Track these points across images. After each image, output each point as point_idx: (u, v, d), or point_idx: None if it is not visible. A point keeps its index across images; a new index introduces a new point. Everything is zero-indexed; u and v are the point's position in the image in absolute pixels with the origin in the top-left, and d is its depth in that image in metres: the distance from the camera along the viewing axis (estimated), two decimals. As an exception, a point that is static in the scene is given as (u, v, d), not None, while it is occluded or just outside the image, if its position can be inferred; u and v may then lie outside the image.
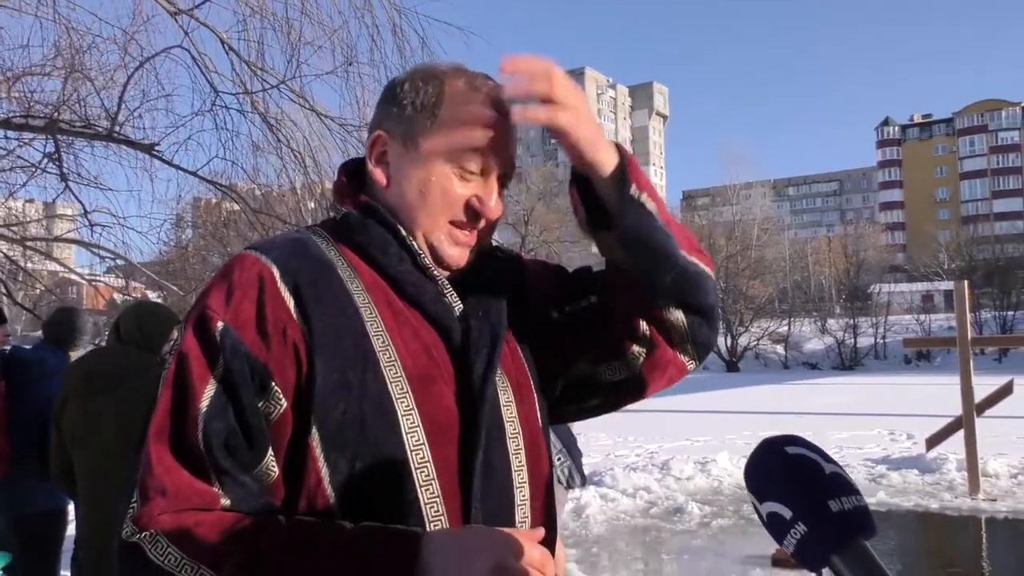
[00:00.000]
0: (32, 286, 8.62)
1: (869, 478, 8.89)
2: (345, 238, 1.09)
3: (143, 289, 11.16)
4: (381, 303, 1.04)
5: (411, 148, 1.08)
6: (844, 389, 24.36)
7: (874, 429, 13.19)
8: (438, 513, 0.98)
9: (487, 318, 1.10)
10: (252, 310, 0.98)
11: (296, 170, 6.76)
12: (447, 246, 1.08)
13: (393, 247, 1.07)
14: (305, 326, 0.98)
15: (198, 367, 0.95)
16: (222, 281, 1.01)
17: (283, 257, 1.02)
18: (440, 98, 1.07)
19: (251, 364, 0.96)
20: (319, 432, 0.96)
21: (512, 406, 1.09)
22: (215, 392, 0.94)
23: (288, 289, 0.99)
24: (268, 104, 6.42)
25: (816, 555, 0.72)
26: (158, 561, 0.88)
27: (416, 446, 0.98)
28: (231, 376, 0.95)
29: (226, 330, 0.96)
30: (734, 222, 53.87)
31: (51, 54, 6.14)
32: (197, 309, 1.00)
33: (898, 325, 41.04)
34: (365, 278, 1.06)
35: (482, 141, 1.06)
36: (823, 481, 0.75)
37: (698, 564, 6.05)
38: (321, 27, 6.15)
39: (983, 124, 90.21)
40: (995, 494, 8.09)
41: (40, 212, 9.32)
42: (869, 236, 69.67)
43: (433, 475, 0.99)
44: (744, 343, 42.61)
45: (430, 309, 1.06)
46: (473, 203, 1.07)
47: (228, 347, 0.95)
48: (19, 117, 6.07)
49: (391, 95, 1.12)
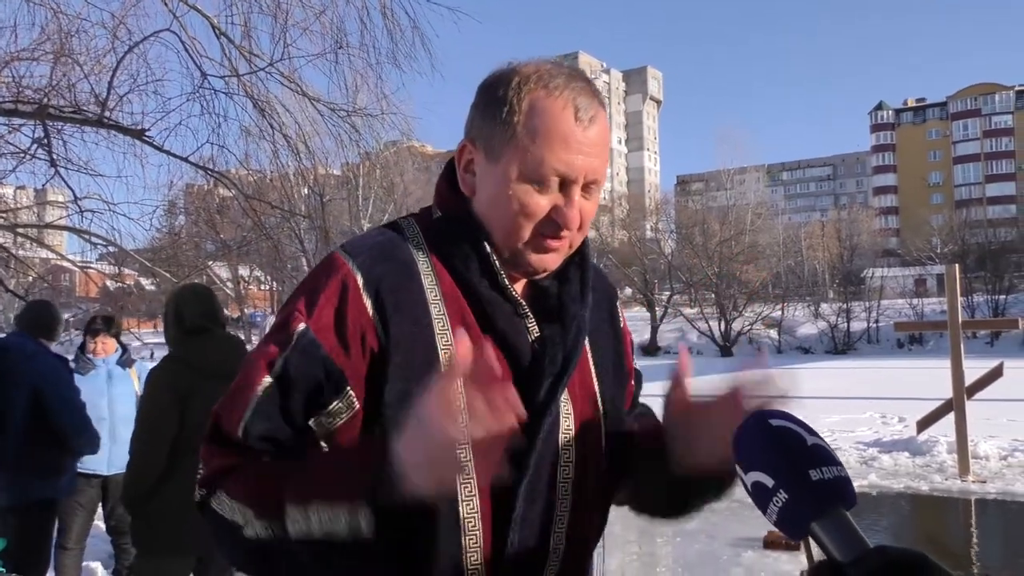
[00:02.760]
0: (24, 273, 8.57)
1: (861, 461, 8.96)
2: (435, 241, 1.10)
3: (136, 276, 11.12)
4: (455, 315, 1.06)
5: (492, 160, 1.07)
6: (837, 373, 24.48)
7: (866, 412, 13.28)
8: (474, 528, 1.00)
9: (562, 344, 1.10)
10: (332, 315, 1.01)
11: (288, 155, 6.73)
12: (531, 253, 1.08)
13: (475, 263, 1.08)
14: (383, 332, 1.01)
15: (265, 359, 1.01)
16: (311, 282, 1.06)
17: (368, 262, 1.05)
18: (518, 108, 1.05)
19: (327, 368, 0.99)
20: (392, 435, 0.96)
21: (571, 434, 1.09)
22: (269, 385, 0.99)
23: (369, 296, 1.02)
24: (258, 88, 6.38)
25: (797, 522, 0.75)
26: (222, 513, 0.98)
27: (462, 461, 0.95)
28: (289, 373, 0.99)
29: (305, 332, 1.00)
30: (728, 207, 53.80)
31: (40, 39, 6.09)
32: (289, 307, 1.05)
33: (891, 309, 41.14)
34: (445, 287, 1.07)
35: (559, 153, 1.04)
36: (805, 451, 0.77)
37: (691, 546, 6.09)
38: (311, 10, 6.10)
39: (976, 108, 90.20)
40: (985, 476, 8.16)
41: (31, 199, 9.26)
42: (862, 220, 69.71)
43: (475, 491, 1.00)
44: (738, 328, 42.69)
45: (501, 328, 1.07)
46: (552, 215, 1.06)
47: (301, 348, 1.00)
48: (8, 102, 6.02)
49: (478, 100, 1.10)
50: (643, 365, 1.65)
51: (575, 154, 1.04)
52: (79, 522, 4.48)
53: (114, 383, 4.60)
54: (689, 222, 53.06)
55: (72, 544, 4.47)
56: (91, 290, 11.48)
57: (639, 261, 49.57)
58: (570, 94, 1.05)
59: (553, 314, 1.12)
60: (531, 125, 1.04)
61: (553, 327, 1.11)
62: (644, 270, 48.78)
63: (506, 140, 1.05)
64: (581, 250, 1.17)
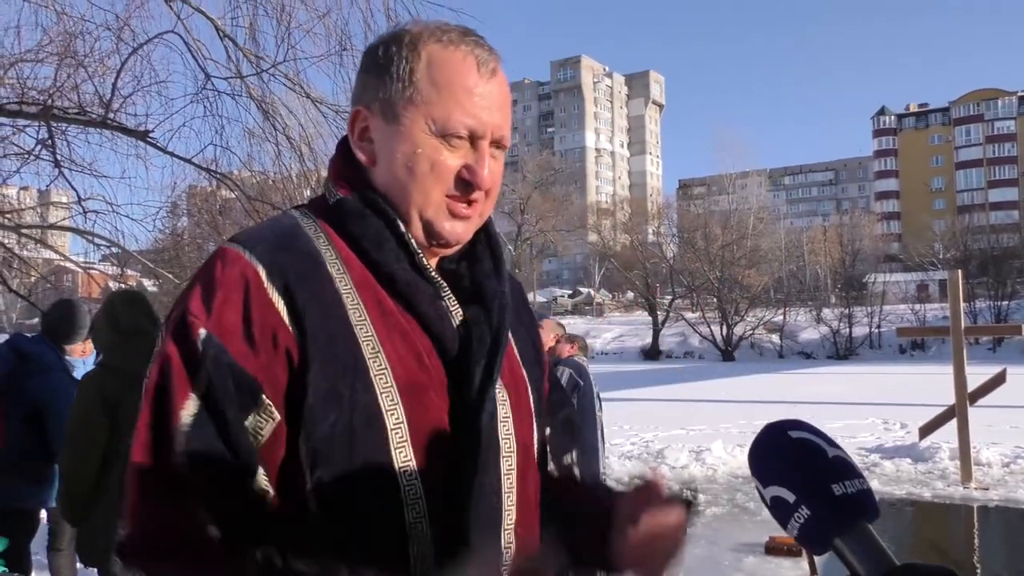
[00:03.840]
0: (27, 274, 8.58)
1: (863, 467, 8.92)
2: (338, 226, 0.99)
3: (138, 277, 11.13)
4: (370, 303, 0.95)
5: (392, 121, 0.98)
6: (839, 378, 24.44)
7: (868, 418, 13.25)
8: (422, 533, 0.92)
9: (489, 325, 1.01)
10: (237, 315, 0.88)
11: (292, 157, 6.74)
12: (443, 220, 0.99)
13: (390, 243, 0.98)
14: (297, 330, 0.90)
15: (179, 380, 0.87)
16: (203, 280, 0.91)
17: (268, 252, 0.92)
18: (416, 63, 0.98)
19: (237, 376, 0.87)
20: (305, 445, 0.89)
21: (509, 422, 1.02)
22: (197, 409, 0.86)
23: (277, 289, 0.90)
24: (262, 90, 6.40)
25: (820, 538, 0.72)
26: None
27: (404, 462, 0.91)
28: (214, 391, 0.86)
29: (209, 338, 0.87)
30: (730, 211, 53.86)
31: (44, 40, 6.11)
32: (177, 311, 0.90)
33: (893, 315, 41.15)
34: (355, 274, 0.96)
35: (465, 105, 0.97)
36: (826, 465, 0.75)
37: (692, 552, 6.05)
38: (314, 12, 6.11)
39: (979, 113, 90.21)
40: (987, 483, 8.14)
41: (35, 199, 9.28)
42: (865, 225, 69.73)
43: (420, 493, 0.92)
44: (739, 332, 42.70)
45: (424, 312, 0.97)
46: (463, 173, 0.98)
47: (211, 358, 0.86)
48: (12, 103, 6.03)
49: (366, 64, 1.03)
50: (644, 370, 1.65)
51: (481, 108, 0.98)
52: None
53: None
54: (691, 226, 53.13)
55: (64, 546, 4.47)
56: (93, 291, 11.47)
57: (641, 265, 49.62)
58: (467, 46, 0.99)
59: (470, 295, 1.03)
60: (432, 77, 0.97)
61: (474, 308, 1.02)
62: (646, 274, 48.80)
63: (407, 98, 0.97)
64: (487, 228, 1.09)
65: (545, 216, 57.90)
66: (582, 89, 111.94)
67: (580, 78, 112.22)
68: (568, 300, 65.51)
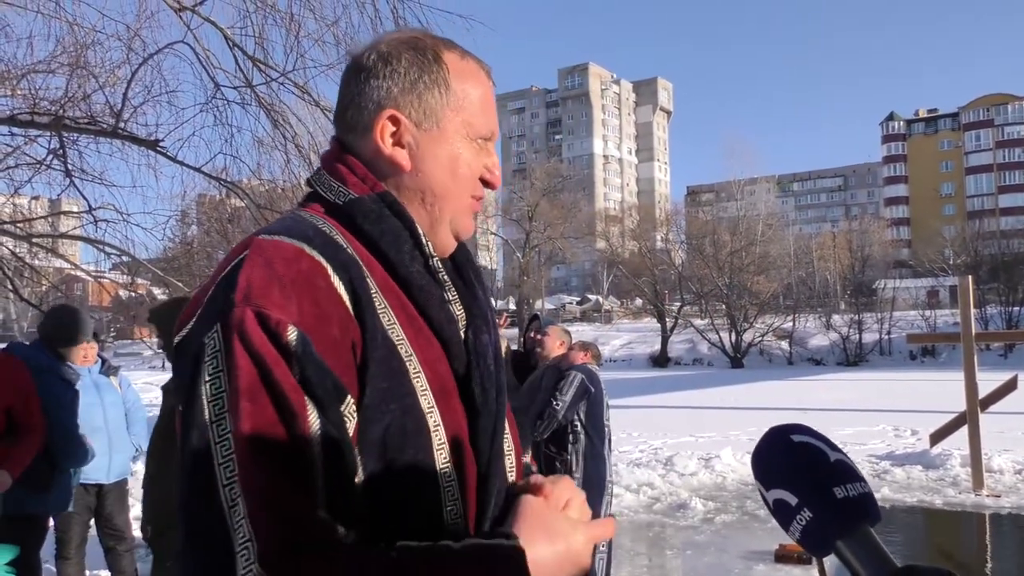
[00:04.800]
0: (38, 282, 8.64)
1: (873, 474, 8.89)
2: (353, 228, 0.98)
3: (148, 285, 11.18)
4: (396, 306, 0.95)
5: (432, 126, 1.02)
6: (849, 385, 24.34)
7: (878, 425, 13.19)
8: (460, 531, 0.94)
9: (487, 330, 1.05)
10: (319, 312, 0.86)
11: (300, 165, 6.77)
12: (468, 219, 1.07)
13: (408, 244, 0.98)
14: (361, 328, 0.90)
15: (288, 380, 0.82)
16: (268, 273, 0.86)
17: (328, 250, 0.92)
18: (445, 72, 1.03)
19: (331, 375, 0.85)
20: (359, 444, 0.88)
21: (505, 423, 1.07)
22: (312, 409, 0.83)
23: (343, 285, 0.90)
24: (271, 99, 6.43)
25: (821, 541, 0.74)
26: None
27: (444, 463, 0.94)
28: (316, 390, 0.83)
29: (301, 337, 0.83)
30: (738, 218, 53.76)
31: (56, 51, 6.16)
32: (248, 305, 0.84)
33: (903, 321, 40.91)
34: (377, 277, 0.96)
35: (488, 110, 1.06)
36: (828, 468, 0.76)
37: (701, 560, 6.05)
38: (323, 20, 6.14)
39: (989, 119, 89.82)
40: (999, 490, 8.08)
41: (46, 209, 9.34)
42: (874, 232, 69.47)
43: (457, 495, 0.95)
44: (748, 339, 42.53)
45: (434, 316, 0.98)
46: (485, 175, 1.06)
47: (308, 357, 0.84)
48: (25, 114, 6.08)
49: (383, 70, 1.02)
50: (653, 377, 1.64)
51: (494, 113, 1.08)
52: (76, 531, 4.47)
53: (103, 392, 4.57)
54: (699, 233, 53.03)
55: (72, 554, 4.47)
56: (104, 300, 11.54)
57: (649, 272, 49.51)
58: (469, 57, 1.07)
59: (467, 300, 1.05)
60: (465, 86, 1.04)
61: (475, 315, 1.05)
62: (654, 281, 48.70)
63: (446, 104, 1.02)
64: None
65: (553, 223, 57.82)
66: (590, 96, 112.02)
67: (588, 85, 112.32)
68: (577, 307, 65.48)
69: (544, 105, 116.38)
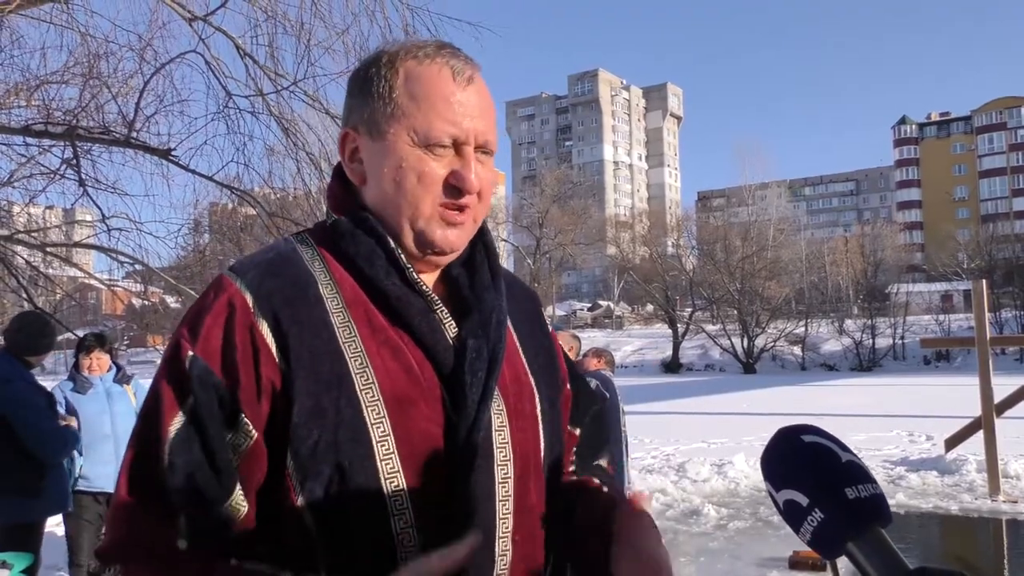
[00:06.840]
0: (52, 291, 8.70)
1: (888, 479, 8.83)
2: (332, 247, 1.04)
3: (161, 294, 11.25)
4: (361, 320, 0.99)
5: (377, 138, 1.02)
6: (862, 390, 24.19)
7: (893, 430, 13.09)
8: (410, 542, 0.94)
9: (486, 338, 1.03)
10: (221, 338, 0.94)
11: (311, 173, 6.79)
12: (436, 229, 1.02)
13: (380, 259, 1.01)
14: (280, 353, 0.94)
15: (167, 398, 0.94)
16: (197, 307, 0.99)
17: (257, 279, 0.98)
18: (394, 79, 1.02)
19: (220, 395, 0.93)
20: (293, 461, 0.93)
21: (505, 431, 1.02)
22: (182, 425, 0.92)
23: (262, 314, 0.95)
24: (282, 107, 6.46)
25: (832, 542, 0.73)
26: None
27: (391, 473, 0.94)
28: (199, 408, 0.92)
29: (195, 360, 0.93)
30: (750, 223, 53.59)
31: (69, 62, 6.22)
32: (174, 335, 0.99)
33: (917, 325, 40.68)
34: (347, 292, 1.00)
35: (445, 114, 1.00)
36: (839, 469, 0.75)
37: (714, 566, 6.02)
38: (333, 29, 6.17)
39: (1002, 121, 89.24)
40: (1015, 495, 8.00)
41: (60, 218, 9.43)
42: (887, 236, 69.05)
43: (407, 504, 0.94)
44: (761, 344, 42.38)
45: (415, 325, 1.00)
46: (450, 180, 1.01)
47: (196, 378, 0.93)
48: (38, 124, 6.14)
49: (351, 88, 1.07)
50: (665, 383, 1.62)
51: (461, 115, 1.01)
52: (88, 539, 4.51)
53: (113, 401, 4.60)
54: (710, 238, 52.90)
55: (83, 561, 4.52)
56: (118, 308, 11.62)
57: (660, 278, 49.45)
58: (442, 59, 1.03)
59: (469, 307, 1.05)
60: (411, 91, 1.01)
61: (471, 321, 1.04)
62: (665, 287, 48.63)
63: (388, 114, 1.01)
64: (484, 237, 1.12)
65: (564, 229, 57.91)
66: (600, 102, 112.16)
67: (598, 91, 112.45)
68: (588, 313, 65.38)
69: (554, 111, 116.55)
